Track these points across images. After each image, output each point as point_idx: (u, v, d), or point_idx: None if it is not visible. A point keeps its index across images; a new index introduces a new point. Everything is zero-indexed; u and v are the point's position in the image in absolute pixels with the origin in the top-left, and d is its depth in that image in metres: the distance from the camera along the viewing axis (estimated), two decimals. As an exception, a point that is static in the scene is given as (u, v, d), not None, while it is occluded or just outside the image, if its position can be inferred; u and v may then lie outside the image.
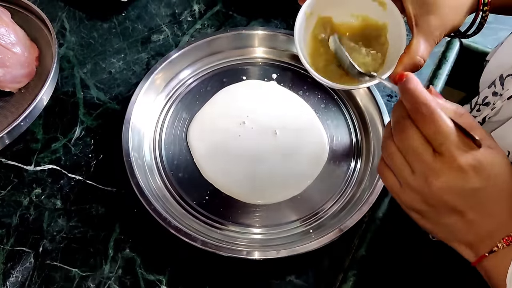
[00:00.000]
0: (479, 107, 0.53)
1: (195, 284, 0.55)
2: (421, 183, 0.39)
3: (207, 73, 0.70)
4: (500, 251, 0.39)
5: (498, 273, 0.39)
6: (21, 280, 0.55)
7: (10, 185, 0.61)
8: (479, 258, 0.40)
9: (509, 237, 0.39)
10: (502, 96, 0.48)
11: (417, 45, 0.48)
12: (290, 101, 0.67)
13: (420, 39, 0.48)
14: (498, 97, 0.49)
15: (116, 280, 0.55)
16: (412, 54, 0.48)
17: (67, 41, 0.74)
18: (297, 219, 0.59)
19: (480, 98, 0.53)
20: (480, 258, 0.40)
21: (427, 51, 0.48)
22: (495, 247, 0.39)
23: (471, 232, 0.40)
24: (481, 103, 0.52)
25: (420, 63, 0.48)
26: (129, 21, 0.76)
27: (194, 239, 0.54)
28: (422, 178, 0.39)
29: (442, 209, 0.40)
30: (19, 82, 0.65)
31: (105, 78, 0.70)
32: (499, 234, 0.40)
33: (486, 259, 0.40)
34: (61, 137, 0.65)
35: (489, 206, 0.39)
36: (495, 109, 0.48)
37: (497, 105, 0.48)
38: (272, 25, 0.75)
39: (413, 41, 0.48)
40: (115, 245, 0.57)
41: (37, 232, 0.58)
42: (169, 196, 0.60)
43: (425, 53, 0.48)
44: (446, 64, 0.71)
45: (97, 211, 0.60)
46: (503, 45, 0.54)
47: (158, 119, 0.66)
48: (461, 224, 0.40)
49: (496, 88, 0.50)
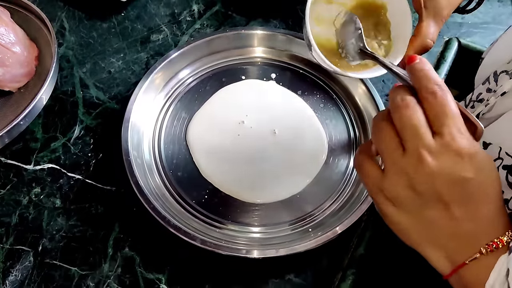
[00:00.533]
0: (473, 103, 0.53)
1: (195, 283, 0.55)
2: (412, 161, 0.36)
3: (206, 73, 0.70)
4: (482, 258, 0.36)
5: (478, 283, 0.36)
6: (20, 278, 0.55)
7: (10, 184, 0.61)
8: (457, 268, 0.37)
9: (493, 243, 0.36)
10: (496, 93, 0.48)
11: (427, 28, 0.48)
12: (289, 101, 0.68)
13: (429, 21, 0.48)
14: (492, 93, 0.49)
15: (115, 279, 0.55)
16: (423, 37, 0.48)
17: (66, 41, 0.74)
18: (296, 218, 0.59)
19: (475, 94, 0.53)
20: (458, 267, 0.37)
21: (436, 32, 0.49)
22: (477, 253, 0.36)
23: (453, 233, 0.37)
24: (475, 100, 0.52)
25: (430, 45, 0.48)
26: (128, 21, 0.76)
27: (194, 238, 0.54)
28: (415, 157, 0.36)
29: (428, 197, 0.36)
30: (18, 81, 0.65)
31: (104, 77, 0.71)
32: (482, 239, 0.36)
33: (465, 267, 0.36)
34: (60, 136, 0.65)
35: (475, 204, 0.37)
36: (488, 105, 0.48)
37: (490, 102, 0.48)
38: (271, 25, 0.76)
39: (423, 23, 0.48)
40: (114, 244, 0.57)
41: (37, 231, 0.58)
42: (168, 195, 0.60)
43: (435, 34, 0.48)
44: (445, 64, 0.71)
45: (97, 210, 0.60)
46: (497, 43, 0.54)
47: (157, 118, 0.66)
48: (445, 220, 0.37)
49: (490, 85, 0.50)
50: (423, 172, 0.36)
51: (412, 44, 0.48)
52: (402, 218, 0.38)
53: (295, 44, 0.70)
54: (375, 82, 0.68)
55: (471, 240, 0.37)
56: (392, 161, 0.37)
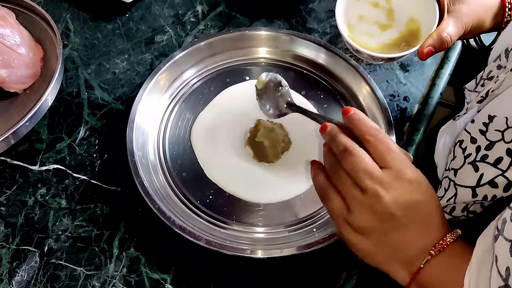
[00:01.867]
0: (484, 81, 0.54)
1: (199, 283, 0.56)
2: (371, 197, 0.42)
3: (210, 73, 0.70)
4: (434, 259, 0.42)
5: (438, 281, 0.42)
6: (26, 279, 0.56)
7: (16, 185, 0.62)
8: (414, 274, 0.42)
9: (439, 244, 0.42)
10: (506, 68, 0.49)
11: (446, 24, 0.55)
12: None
13: (449, 20, 0.55)
14: (502, 69, 0.50)
15: (120, 279, 0.56)
16: (440, 30, 0.55)
17: (71, 42, 0.74)
18: (301, 218, 0.59)
19: (485, 72, 0.54)
20: (415, 273, 0.42)
21: (454, 32, 0.55)
22: (428, 256, 0.42)
23: (411, 247, 0.42)
24: (485, 78, 0.54)
25: (447, 39, 0.55)
26: (132, 22, 0.76)
27: (198, 238, 0.54)
28: (373, 193, 0.42)
29: (389, 224, 0.42)
30: (24, 82, 0.65)
31: (109, 78, 0.71)
32: (431, 245, 0.42)
33: (421, 272, 0.42)
34: (65, 137, 0.65)
35: (426, 218, 0.43)
36: (498, 81, 0.48)
37: (500, 78, 0.48)
38: (275, 25, 0.76)
39: (444, 22, 0.55)
40: (119, 244, 0.58)
41: (42, 232, 0.59)
42: (173, 196, 0.60)
43: (452, 33, 0.55)
44: (448, 64, 0.72)
45: (102, 210, 0.60)
46: (510, 23, 0.54)
47: (162, 119, 0.66)
48: (403, 239, 0.42)
49: (501, 61, 0.51)
50: (382, 204, 0.42)
51: (431, 35, 0.55)
52: (365, 244, 0.44)
53: (298, 44, 0.70)
54: (379, 82, 0.68)
55: (424, 248, 0.42)
56: (353, 200, 0.43)
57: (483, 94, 0.50)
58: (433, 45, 0.55)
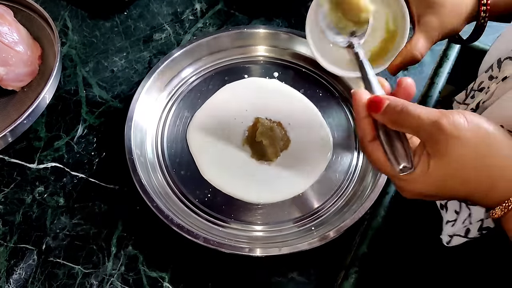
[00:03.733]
0: (474, 93, 0.54)
1: (198, 281, 0.55)
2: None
3: (208, 72, 0.70)
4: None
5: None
6: (24, 277, 0.56)
7: (13, 183, 0.62)
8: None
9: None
10: (497, 78, 0.49)
11: (416, 41, 0.53)
12: (292, 99, 0.68)
13: (419, 36, 0.53)
14: (494, 80, 0.50)
15: (119, 277, 0.55)
16: (410, 48, 0.52)
17: (69, 40, 0.74)
18: (299, 217, 0.59)
19: (476, 83, 0.54)
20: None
21: (424, 48, 0.53)
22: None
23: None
24: (476, 89, 0.53)
25: (417, 57, 0.53)
26: (131, 20, 0.76)
27: (197, 236, 0.54)
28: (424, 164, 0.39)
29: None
30: (22, 80, 0.65)
31: (107, 76, 0.71)
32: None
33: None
34: (63, 135, 0.65)
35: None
36: (489, 92, 0.48)
37: (491, 88, 0.48)
38: (274, 23, 0.76)
39: (414, 37, 0.53)
40: (118, 242, 0.58)
41: (40, 230, 0.58)
42: (171, 194, 0.60)
43: (423, 49, 0.53)
44: (447, 62, 0.71)
45: (100, 208, 0.60)
46: (502, 35, 0.54)
47: (160, 117, 0.66)
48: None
49: (493, 72, 0.51)
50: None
51: (401, 53, 0.53)
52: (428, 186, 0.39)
53: (297, 42, 0.70)
54: (378, 81, 0.68)
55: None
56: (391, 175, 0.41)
57: (473, 106, 0.50)
58: (404, 63, 0.53)
